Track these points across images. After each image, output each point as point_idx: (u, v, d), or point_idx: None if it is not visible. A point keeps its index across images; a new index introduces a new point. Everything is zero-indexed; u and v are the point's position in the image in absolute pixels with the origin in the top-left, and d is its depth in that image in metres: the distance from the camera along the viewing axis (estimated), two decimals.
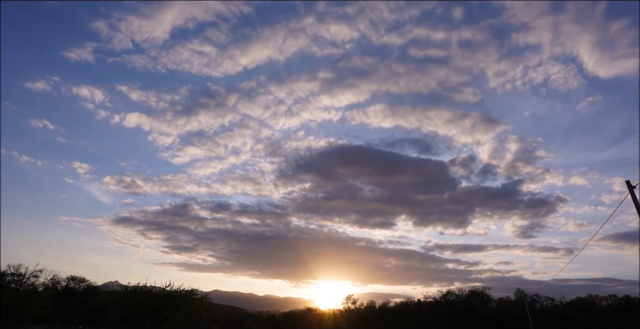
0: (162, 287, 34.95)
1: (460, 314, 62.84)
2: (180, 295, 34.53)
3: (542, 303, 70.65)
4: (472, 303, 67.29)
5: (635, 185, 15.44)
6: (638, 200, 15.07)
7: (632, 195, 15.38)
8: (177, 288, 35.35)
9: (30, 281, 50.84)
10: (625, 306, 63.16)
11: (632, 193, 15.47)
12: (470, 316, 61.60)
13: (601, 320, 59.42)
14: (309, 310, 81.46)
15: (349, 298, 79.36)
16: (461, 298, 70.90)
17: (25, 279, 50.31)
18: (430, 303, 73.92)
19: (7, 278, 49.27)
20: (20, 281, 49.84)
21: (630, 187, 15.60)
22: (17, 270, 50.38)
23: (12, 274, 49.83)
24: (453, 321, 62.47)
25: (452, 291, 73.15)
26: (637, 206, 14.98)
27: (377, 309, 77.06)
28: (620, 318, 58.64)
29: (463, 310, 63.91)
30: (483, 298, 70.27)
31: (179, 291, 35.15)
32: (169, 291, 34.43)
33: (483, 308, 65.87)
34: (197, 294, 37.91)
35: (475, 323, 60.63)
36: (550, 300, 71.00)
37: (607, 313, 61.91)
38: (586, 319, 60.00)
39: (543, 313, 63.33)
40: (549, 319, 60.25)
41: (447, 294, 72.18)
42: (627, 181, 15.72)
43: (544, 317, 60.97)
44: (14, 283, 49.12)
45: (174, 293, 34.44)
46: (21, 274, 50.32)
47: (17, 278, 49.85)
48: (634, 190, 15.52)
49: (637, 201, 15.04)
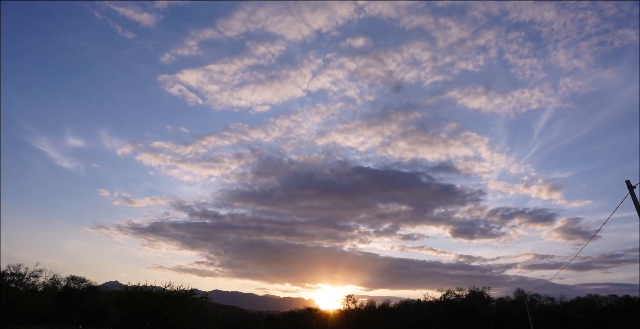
0: (162, 287, 34.96)
1: (460, 314, 62.79)
2: (180, 295, 34.52)
3: (542, 303, 70.63)
4: (472, 302, 67.24)
5: (635, 185, 15.42)
6: (638, 200, 15.05)
7: (632, 195, 15.36)
8: (177, 288, 35.37)
9: (30, 281, 50.81)
10: (625, 306, 63.15)
11: (632, 193, 15.45)
12: (470, 316, 61.55)
13: (601, 320, 59.39)
14: (309, 310, 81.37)
15: (349, 298, 79.34)
16: (461, 298, 70.86)
17: (25, 279, 50.27)
18: (430, 302, 73.87)
19: (7, 278, 49.22)
20: (20, 281, 49.78)
21: (630, 187, 15.57)
22: (17, 269, 50.37)
23: (12, 274, 49.78)
24: (453, 321, 62.44)
25: (451, 291, 73.11)
26: (637, 206, 14.96)
27: (377, 310, 77.03)
28: (620, 318, 58.61)
29: (463, 310, 63.85)
30: (483, 298, 70.24)
31: (179, 291, 35.15)
32: (169, 291, 34.43)
33: (483, 308, 65.80)
34: (197, 294, 37.90)
35: (475, 323, 60.60)
36: (550, 300, 70.98)
37: (607, 313, 61.88)
38: (586, 319, 59.97)
39: (543, 312, 63.28)
40: (549, 319, 60.21)
41: (447, 294, 72.13)
42: (627, 181, 15.69)
43: (544, 317, 60.94)
44: (14, 283, 49.07)
45: (174, 293, 34.44)
46: (21, 274, 50.26)
47: (17, 278, 49.80)
48: (633, 190, 15.50)
49: (637, 201, 15.02)
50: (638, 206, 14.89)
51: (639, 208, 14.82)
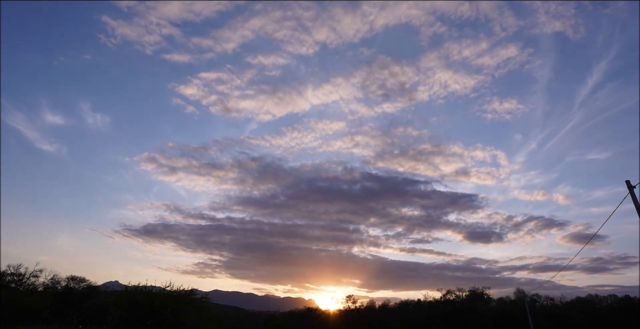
0: (162, 287, 34.91)
1: (460, 314, 62.75)
2: (180, 295, 34.47)
3: (542, 302, 70.58)
4: (472, 302, 67.16)
5: (635, 185, 15.42)
6: (638, 200, 15.05)
7: (632, 195, 15.35)
8: (177, 288, 35.32)
9: (30, 281, 50.80)
10: (625, 306, 63.11)
11: (632, 193, 15.44)
12: (470, 316, 61.51)
13: (601, 320, 59.37)
14: (309, 310, 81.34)
15: (349, 298, 79.31)
16: (461, 298, 70.77)
17: (25, 279, 50.25)
18: (430, 302, 73.79)
19: (7, 278, 49.20)
20: (20, 281, 49.76)
21: (630, 187, 15.57)
22: (17, 269, 50.37)
23: (12, 274, 49.77)
24: (453, 321, 62.41)
25: (452, 290, 73.03)
26: (637, 206, 14.95)
27: (377, 309, 77.01)
28: (621, 318, 58.58)
29: (463, 310, 63.80)
30: (483, 297, 70.14)
31: (179, 291, 35.10)
32: (169, 291, 34.38)
33: (483, 307, 65.73)
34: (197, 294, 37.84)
35: (475, 323, 60.56)
36: (550, 300, 70.94)
37: (607, 313, 61.85)
38: (586, 319, 59.93)
39: (543, 312, 63.24)
40: (549, 319, 60.18)
41: (447, 294, 72.04)
42: (627, 181, 15.68)
43: (544, 317, 60.90)
44: (14, 283, 49.06)
45: (174, 293, 34.38)
46: (21, 274, 50.25)
47: (17, 278, 49.78)
48: (633, 190, 15.49)
49: (637, 201, 15.01)
50: (638, 206, 14.89)
51: (639, 208, 14.81)
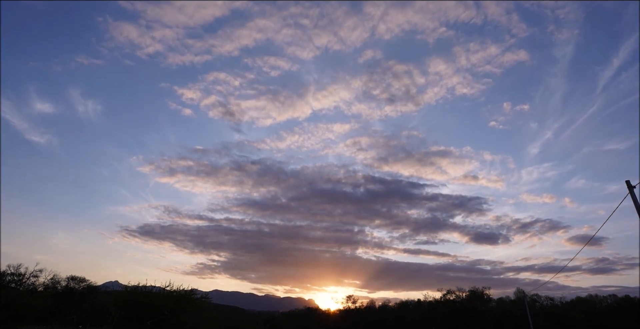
0: (162, 287, 34.88)
1: (460, 313, 62.74)
2: (180, 295, 34.44)
3: (542, 302, 70.55)
4: (472, 302, 67.13)
5: (635, 185, 15.41)
6: (638, 200, 15.03)
7: (632, 195, 15.34)
8: (177, 288, 35.30)
9: (30, 281, 50.78)
10: (625, 306, 63.10)
11: (632, 193, 15.43)
12: (470, 316, 61.49)
13: (601, 320, 59.36)
14: (309, 310, 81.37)
15: (349, 298, 79.31)
16: (461, 298, 70.73)
17: (25, 279, 50.23)
18: (430, 302, 73.76)
19: (7, 278, 49.19)
20: (20, 281, 49.74)
21: (630, 187, 15.56)
22: (17, 269, 50.35)
23: (12, 274, 49.75)
24: (453, 321, 62.39)
25: (452, 290, 73.01)
26: (637, 206, 14.94)
27: (377, 309, 77.02)
28: (621, 318, 58.58)
29: (463, 310, 63.78)
30: (483, 297, 70.09)
31: (179, 291, 35.08)
32: (169, 291, 34.36)
33: (483, 307, 65.71)
34: (197, 294, 37.83)
35: (475, 323, 60.53)
36: (550, 300, 70.92)
37: (607, 313, 61.85)
38: (586, 319, 59.92)
39: (543, 312, 63.23)
40: (549, 319, 60.16)
41: (447, 294, 72.00)
42: (627, 181, 15.67)
43: (544, 317, 60.89)
44: (14, 283, 49.04)
45: (174, 293, 34.36)
46: (21, 274, 50.23)
47: (17, 278, 49.76)
48: (633, 190, 15.48)
49: (637, 201, 15.00)
50: (638, 206, 14.88)
51: (639, 208, 14.81)
